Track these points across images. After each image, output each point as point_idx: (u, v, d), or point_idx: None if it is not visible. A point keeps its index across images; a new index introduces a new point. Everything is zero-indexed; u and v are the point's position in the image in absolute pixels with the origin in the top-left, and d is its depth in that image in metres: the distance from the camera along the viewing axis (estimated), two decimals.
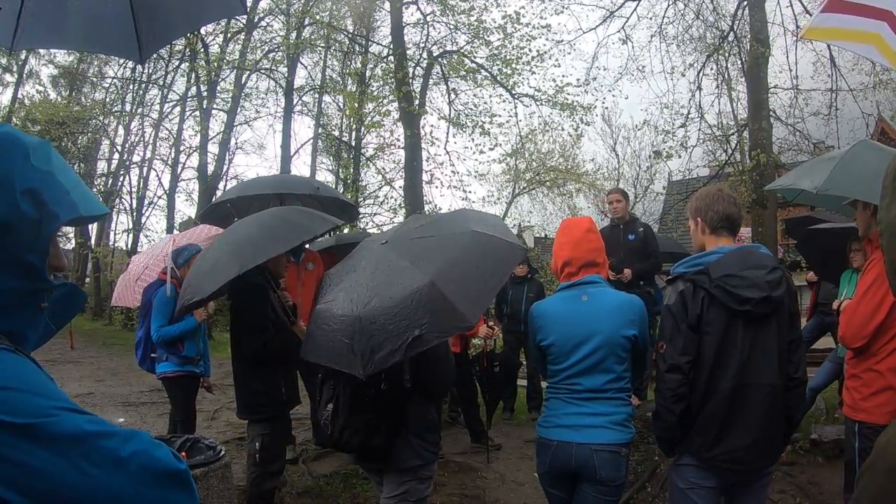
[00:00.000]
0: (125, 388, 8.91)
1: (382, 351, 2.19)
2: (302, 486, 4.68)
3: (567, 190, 23.79)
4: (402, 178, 13.54)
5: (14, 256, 0.90)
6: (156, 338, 4.46)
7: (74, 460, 0.81)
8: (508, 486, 4.93)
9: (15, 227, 0.89)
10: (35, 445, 0.79)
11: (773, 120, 10.12)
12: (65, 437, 0.81)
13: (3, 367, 0.83)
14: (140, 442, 0.88)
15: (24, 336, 0.96)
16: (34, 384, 0.85)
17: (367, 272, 2.51)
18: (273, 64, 16.57)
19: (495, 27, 11.56)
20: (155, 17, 2.41)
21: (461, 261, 2.43)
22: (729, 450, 2.27)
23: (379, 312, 2.26)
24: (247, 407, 3.58)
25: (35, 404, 0.82)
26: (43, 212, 0.92)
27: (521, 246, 2.68)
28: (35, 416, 0.80)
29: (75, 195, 1.01)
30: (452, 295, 2.25)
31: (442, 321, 2.23)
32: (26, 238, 0.91)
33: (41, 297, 0.97)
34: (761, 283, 2.24)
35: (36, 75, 21.77)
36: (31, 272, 0.93)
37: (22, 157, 0.91)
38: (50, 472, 0.79)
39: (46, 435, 0.80)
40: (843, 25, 3.35)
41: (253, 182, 6.56)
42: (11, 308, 0.92)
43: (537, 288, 7.24)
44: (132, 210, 21.33)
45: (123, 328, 17.10)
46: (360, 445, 2.60)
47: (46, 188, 0.93)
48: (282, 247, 3.38)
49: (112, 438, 0.86)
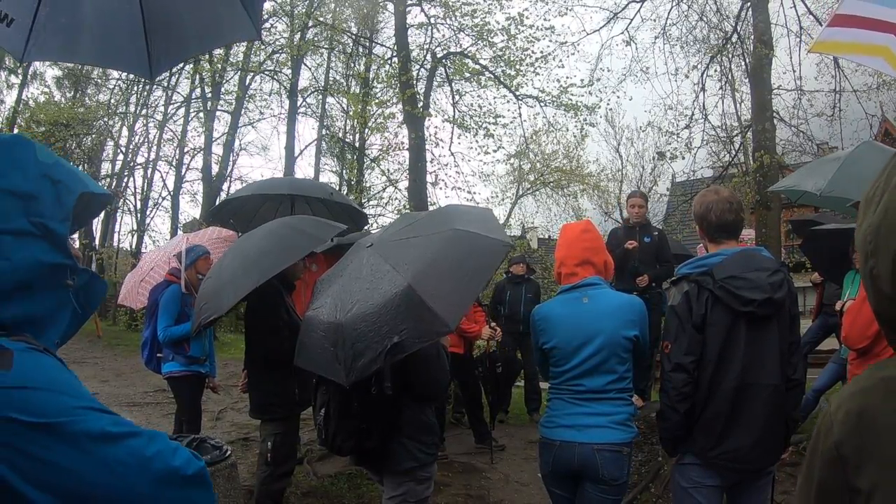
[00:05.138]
0: (129, 389, 8.94)
1: (364, 358, 2.18)
2: (307, 486, 4.70)
3: (571, 191, 23.77)
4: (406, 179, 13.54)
5: (41, 223, 0.94)
6: (162, 337, 4.49)
7: (102, 459, 0.83)
8: (513, 486, 4.95)
9: (37, 196, 0.95)
10: (63, 444, 0.81)
11: (777, 121, 10.11)
12: (91, 435, 0.83)
13: (30, 366, 0.84)
14: (163, 442, 0.91)
15: (50, 323, 0.98)
16: (60, 383, 0.86)
17: (352, 277, 2.50)
18: (277, 65, 16.63)
19: (499, 29, 11.57)
20: (168, 36, 2.41)
21: (441, 261, 2.39)
22: (732, 449, 2.29)
23: (360, 319, 2.25)
24: (260, 407, 3.61)
25: (62, 403, 0.83)
26: (59, 187, 0.99)
27: (506, 242, 2.58)
28: (62, 415, 0.82)
29: (81, 176, 1.12)
30: (431, 299, 2.21)
31: (421, 327, 2.19)
32: (49, 206, 0.96)
33: (66, 274, 0.99)
34: (764, 285, 2.26)
35: (41, 77, 21.90)
36: (57, 242, 0.97)
37: (33, 151, 0.99)
38: (77, 470, 0.81)
39: (73, 434, 0.82)
40: (851, 39, 3.35)
41: (268, 182, 6.60)
42: (41, 286, 0.95)
43: (535, 288, 7.25)
44: (136, 211, 21.41)
45: (128, 329, 17.13)
46: (353, 449, 2.62)
47: (57, 170, 1.01)
48: (295, 257, 3.41)
49: (138, 438, 0.88)
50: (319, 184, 8.95)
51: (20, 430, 0.78)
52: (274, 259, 3.23)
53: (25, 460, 0.78)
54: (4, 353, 0.83)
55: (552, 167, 22.33)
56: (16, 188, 0.93)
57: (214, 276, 3.48)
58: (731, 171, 11.61)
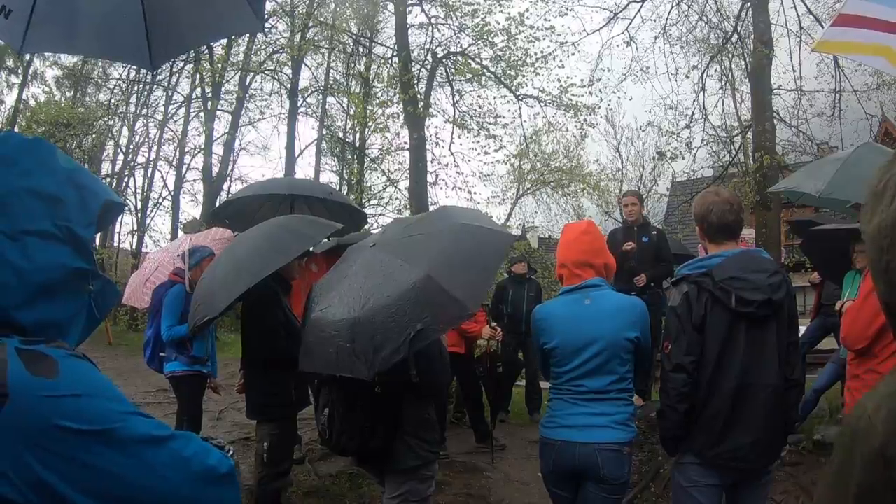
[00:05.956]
0: (130, 389, 8.93)
1: (385, 350, 2.18)
2: (308, 486, 4.71)
3: (571, 191, 23.78)
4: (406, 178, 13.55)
5: (68, 228, 0.94)
6: (166, 337, 4.50)
7: (149, 463, 0.84)
8: (513, 485, 4.96)
9: (64, 199, 0.95)
10: (112, 450, 0.81)
11: (777, 121, 10.14)
12: (139, 440, 0.84)
13: (75, 373, 0.84)
14: (197, 443, 0.92)
15: (70, 327, 0.98)
16: (104, 389, 0.87)
17: (359, 276, 2.49)
18: (277, 65, 16.60)
19: (499, 29, 11.59)
20: (168, 26, 2.38)
21: (455, 251, 2.42)
22: (731, 448, 2.31)
23: (377, 312, 2.25)
24: (257, 408, 3.62)
25: (109, 409, 0.84)
26: (84, 192, 1.00)
27: (510, 233, 2.69)
28: (110, 421, 0.83)
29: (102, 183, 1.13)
30: (450, 285, 2.24)
31: (443, 313, 2.22)
32: (75, 211, 0.96)
33: (88, 280, 1.00)
34: (763, 286, 2.28)
35: (41, 77, 21.84)
36: (81, 248, 0.97)
37: (56, 155, 0.99)
38: (126, 475, 0.82)
39: (123, 439, 0.82)
40: (854, 39, 3.36)
41: (269, 183, 6.62)
42: (62, 290, 0.95)
43: (537, 288, 7.26)
44: (137, 211, 21.40)
45: (129, 329, 17.13)
46: (357, 449, 2.62)
47: (80, 175, 1.01)
48: (289, 257, 3.41)
49: (177, 441, 0.89)
50: (319, 184, 8.98)
51: (71, 439, 0.79)
52: (267, 260, 3.23)
53: (75, 468, 0.79)
54: (47, 360, 0.82)
55: (552, 167, 22.34)
56: (42, 189, 0.92)
57: (209, 278, 3.48)
58: (731, 170, 11.64)
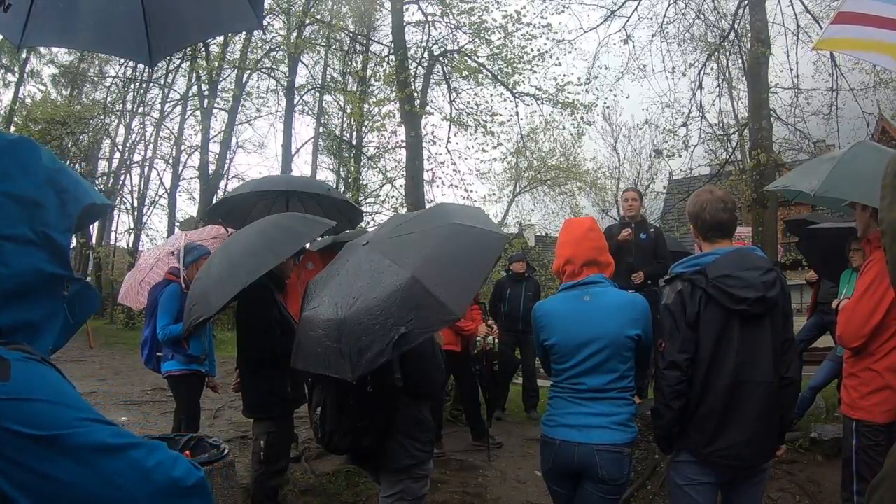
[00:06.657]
0: (127, 388, 8.94)
1: (370, 352, 2.17)
2: (305, 484, 4.71)
3: (568, 188, 23.82)
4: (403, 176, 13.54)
5: (45, 233, 0.93)
6: (161, 336, 4.49)
7: (103, 472, 0.81)
8: (510, 483, 4.96)
9: (43, 204, 0.93)
10: (64, 457, 0.79)
11: (774, 119, 10.15)
12: (93, 448, 0.81)
13: (29, 377, 0.82)
14: (162, 453, 0.88)
15: (44, 330, 0.96)
16: (59, 394, 0.84)
17: (350, 275, 2.49)
18: (274, 63, 16.61)
19: (496, 26, 11.58)
20: (167, 22, 2.38)
21: (443, 253, 2.40)
22: (726, 446, 2.31)
23: (364, 313, 2.24)
24: (253, 406, 3.62)
25: (62, 415, 0.81)
26: (64, 196, 0.98)
27: (504, 234, 2.68)
28: (62, 427, 0.80)
29: (85, 185, 1.10)
30: (436, 288, 2.22)
31: (427, 316, 2.20)
32: (54, 216, 0.95)
33: (63, 286, 0.98)
34: (757, 283, 2.28)
35: (37, 75, 21.84)
36: (58, 253, 0.95)
37: (39, 155, 0.97)
38: (78, 483, 0.79)
39: (74, 446, 0.80)
40: (856, 36, 3.34)
41: (265, 180, 6.60)
42: (37, 294, 0.93)
43: (535, 286, 7.26)
44: (133, 209, 21.39)
45: (125, 327, 17.12)
46: (349, 447, 2.62)
47: (63, 176, 0.99)
48: (282, 256, 3.39)
49: (138, 449, 0.85)
50: (317, 182, 8.95)
51: (20, 443, 0.76)
52: (261, 258, 3.21)
53: (25, 474, 0.76)
54: (2, 363, 0.80)
55: (549, 165, 22.37)
56: (21, 193, 0.90)
57: (203, 277, 3.46)
58: (727, 168, 11.65)
